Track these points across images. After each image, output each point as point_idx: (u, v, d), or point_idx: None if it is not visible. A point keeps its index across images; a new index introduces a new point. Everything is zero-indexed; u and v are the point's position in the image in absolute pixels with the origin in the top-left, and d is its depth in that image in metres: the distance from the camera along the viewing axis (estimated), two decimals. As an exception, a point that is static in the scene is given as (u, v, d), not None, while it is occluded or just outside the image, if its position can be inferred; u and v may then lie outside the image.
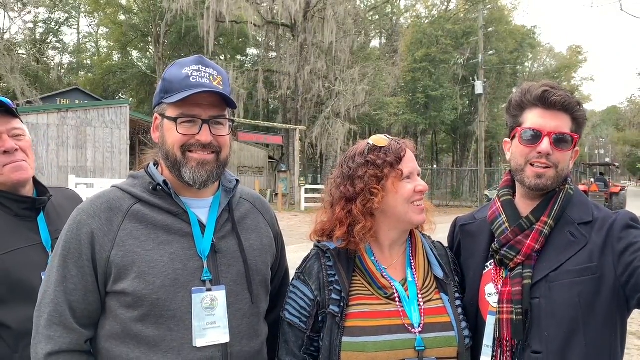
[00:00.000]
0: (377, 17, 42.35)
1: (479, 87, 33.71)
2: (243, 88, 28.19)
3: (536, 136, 1.55)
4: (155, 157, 1.56)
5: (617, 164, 37.93)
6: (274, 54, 35.73)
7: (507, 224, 1.63)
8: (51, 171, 18.97)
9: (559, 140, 1.54)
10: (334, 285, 1.52)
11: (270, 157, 37.85)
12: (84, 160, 19.98)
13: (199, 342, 1.35)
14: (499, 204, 1.70)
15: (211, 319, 1.37)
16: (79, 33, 52.70)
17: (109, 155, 20.35)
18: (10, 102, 1.90)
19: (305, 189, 25.86)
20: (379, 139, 1.62)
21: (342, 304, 1.48)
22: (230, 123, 1.51)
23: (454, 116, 40.08)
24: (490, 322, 1.60)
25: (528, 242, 1.57)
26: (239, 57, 44.38)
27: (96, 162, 20.13)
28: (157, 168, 1.54)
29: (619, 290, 1.47)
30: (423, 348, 1.49)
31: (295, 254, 1.69)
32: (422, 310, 1.54)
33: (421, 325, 1.52)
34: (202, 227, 1.46)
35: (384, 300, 1.53)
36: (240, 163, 34.27)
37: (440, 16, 43.69)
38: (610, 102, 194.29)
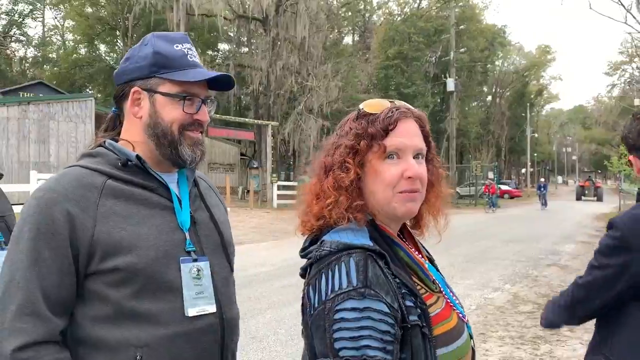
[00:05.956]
0: (349, 13, 42.27)
1: (450, 84, 33.96)
2: (214, 83, 27.68)
3: None
4: (107, 138, 1.50)
5: (600, 171, 58.16)
6: (245, 49, 35.27)
7: None
8: (11, 166, 18.18)
9: None
10: (403, 289, 1.17)
11: (242, 154, 37.41)
12: (47, 156, 19.24)
13: (190, 311, 1.36)
14: None
15: (199, 289, 1.39)
16: (44, 26, 51.23)
17: (73, 150, 19.60)
18: None
19: (278, 185, 25.58)
20: (372, 104, 1.28)
21: (419, 310, 1.16)
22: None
23: (426, 113, 40.13)
24: None
25: None
26: (210, 52, 43.72)
27: (59, 158, 19.38)
28: None
29: None
30: (471, 338, 1.28)
31: (267, 252, 1.45)
32: (455, 299, 1.33)
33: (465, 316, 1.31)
34: (178, 200, 1.47)
35: (435, 297, 1.24)
36: (211, 160, 33.72)
37: (412, 14, 43.91)
38: (577, 101, 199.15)
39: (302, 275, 1.24)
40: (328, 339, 1.07)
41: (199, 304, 1.38)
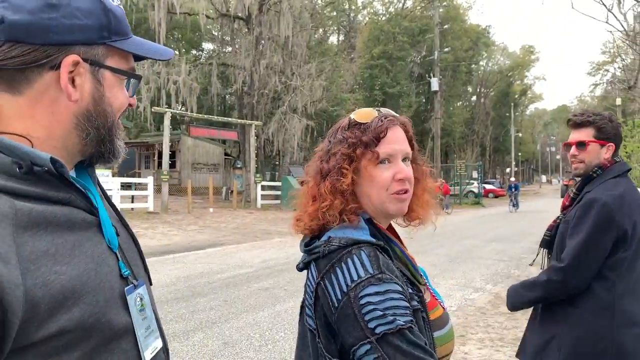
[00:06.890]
0: (334, 13, 42.17)
1: (434, 83, 34.03)
2: (197, 82, 27.37)
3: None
4: None
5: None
6: (229, 49, 34.96)
7: None
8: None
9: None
10: (404, 278, 1.33)
11: (226, 154, 37.13)
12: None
13: (147, 355, 1.04)
14: None
15: (146, 322, 1.06)
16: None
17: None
18: None
19: (262, 185, 25.38)
20: (362, 114, 1.41)
21: (416, 297, 1.33)
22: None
23: (411, 113, 40.35)
24: None
25: None
26: (194, 51, 43.34)
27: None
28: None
29: None
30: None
31: (247, 253, 1.27)
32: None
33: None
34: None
35: (422, 288, 1.41)
36: (195, 160, 33.41)
37: (397, 13, 43.94)
38: (561, 101, 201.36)
39: (302, 269, 1.33)
40: (361, 322, 1.16)
41: (150, 342, 1.08)
